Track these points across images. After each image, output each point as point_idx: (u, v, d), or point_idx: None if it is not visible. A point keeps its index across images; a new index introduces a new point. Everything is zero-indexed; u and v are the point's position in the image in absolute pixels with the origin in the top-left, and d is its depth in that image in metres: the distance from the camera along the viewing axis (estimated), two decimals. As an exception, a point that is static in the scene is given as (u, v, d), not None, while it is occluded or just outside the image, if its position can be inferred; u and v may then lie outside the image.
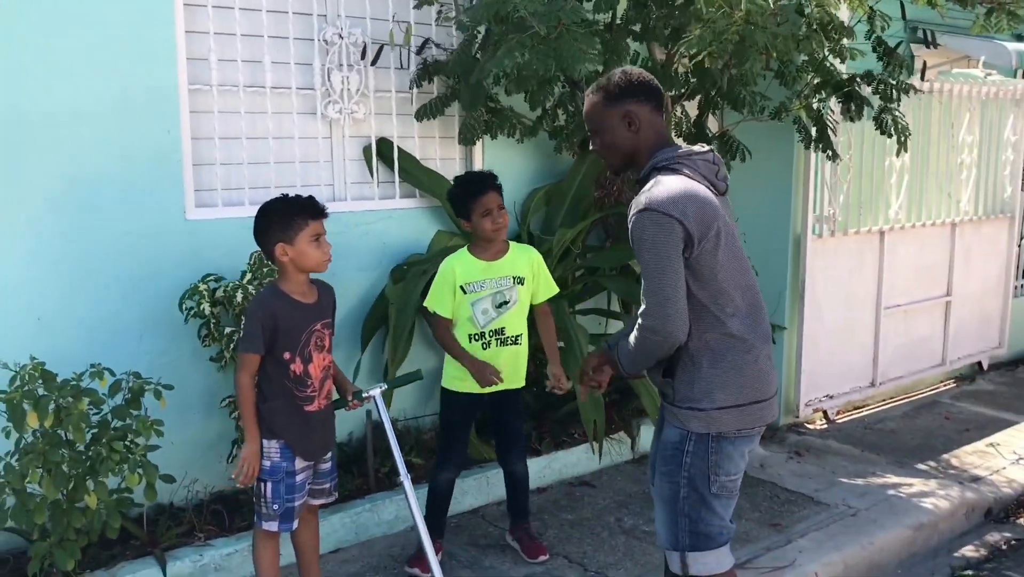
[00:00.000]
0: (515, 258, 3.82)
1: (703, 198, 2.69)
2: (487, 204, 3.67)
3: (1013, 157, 7.16)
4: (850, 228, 6.02)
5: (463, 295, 3.73)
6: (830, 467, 5.18)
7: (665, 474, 2.87)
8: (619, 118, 2.78)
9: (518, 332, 3.82)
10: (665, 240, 2.62)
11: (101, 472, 3.21)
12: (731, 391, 2.76)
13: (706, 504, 2.83)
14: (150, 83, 3.85)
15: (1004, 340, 7.44)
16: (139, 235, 3.90)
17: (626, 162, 2.86)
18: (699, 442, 2.78)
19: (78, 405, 3.16)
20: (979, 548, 4.57)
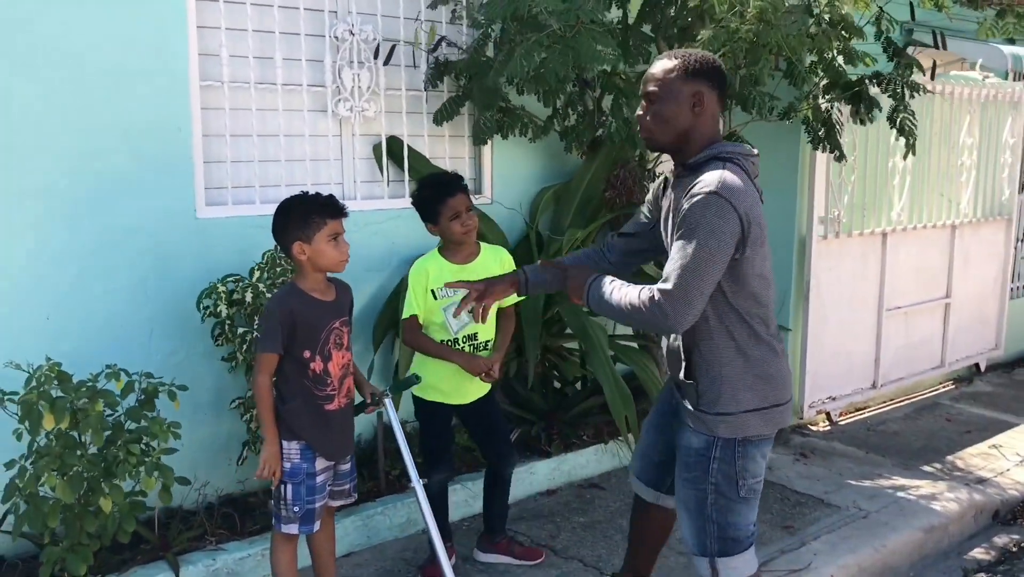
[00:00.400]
0: (487, 260, 3.71)
1: (758, 202, 2.68)
2: (456, 207, 3.55)
3: (1011, 160, 7.19)
4: (854, 230, 6.02)
5: (434, 300, 3.63)
6: (837, 469, 5.17)
7: (690, 481, 2.85)
8: (688, 95, 2.70)
9: (489, 337, 3.74)
10: (722, 231, 2.55)
11: (119, 475, 3.14)
12: (756, 394, 2.76)
13: (734, 509, 2.82)
14: (161, 79, 3.78)
15: (1001, 342, 7.47)
16: (149, 233, 3.83)
17: (674, 141, 2.77)
18: (726, 447, 2.78)
19: (95, 407, 3.09)
20: (988, 550, 4.57)
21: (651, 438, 3.21)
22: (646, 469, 3.23)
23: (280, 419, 3.20)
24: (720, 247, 2.56)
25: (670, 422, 3.07)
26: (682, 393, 2.89)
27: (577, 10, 3.84)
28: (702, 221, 2.55)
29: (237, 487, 4.17)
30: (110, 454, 3.19)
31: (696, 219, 2.56)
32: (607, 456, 4.92)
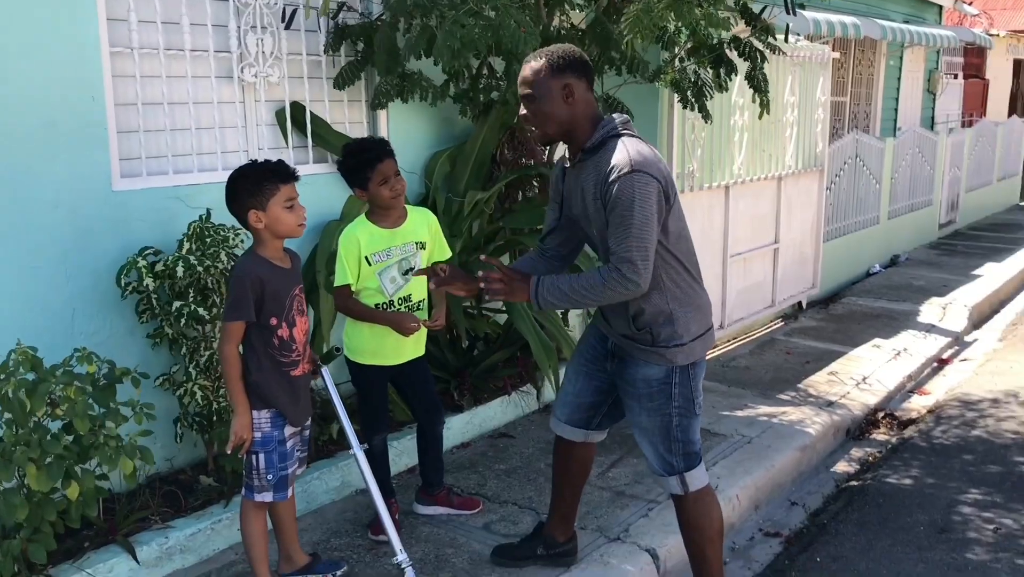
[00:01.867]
0: (415, 223, 3.80)
1: (663, 160, 3.02)
2: (385, 172, 3.60)
3: (823, 115, 7.95)
4: (704, 183, 6.52)
5: (368, 266, 3.68)
6: (709, 402, 5.64)
7: (654, 409, 3.19)
8: (559, 88, 3.01)
9: (422, 296, 3.84)
10: (649, 197, 2.89)
11: (102, 459, 3.05)
12: (697, 322, 3.15)
13: (692, 425, 3.22)
14: (73, 45, 3.59)
15: (817, 281, 8.31)
16: (67, 208, 3.65)
17: (559, 132, 3.10)
18: (683, 372, 3.15)
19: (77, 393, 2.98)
20: (850, 463, 5.20)
21: (580, 384, 3.48)
22: (575, 412, 3.50)
23: (248, 389, 3.20)
24: (652, 211, 2.90)
25: (600, 367, 3.39)
26: (632, 339, 3.17)
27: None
28: (632, 197, 2.88)
29: (165, 465, 4.08)
30: (86, 439, 3.07)
31: (627, 195, 2.88)
32: (512, 407, 5.15)
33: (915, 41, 10.78)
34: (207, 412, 3.88)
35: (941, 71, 13.89)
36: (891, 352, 6.92)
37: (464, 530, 3.97)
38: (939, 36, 11.47)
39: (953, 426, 5.58)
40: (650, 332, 3.10)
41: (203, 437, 4.03)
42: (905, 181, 10.63)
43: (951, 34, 12.02)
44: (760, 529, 4.40)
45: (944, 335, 7.49)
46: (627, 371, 3.22)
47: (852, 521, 4.38)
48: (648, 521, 4.02)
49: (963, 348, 7.48)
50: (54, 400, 2.99)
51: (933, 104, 13.91)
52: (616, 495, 4.32)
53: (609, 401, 3.40)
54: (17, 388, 2.86)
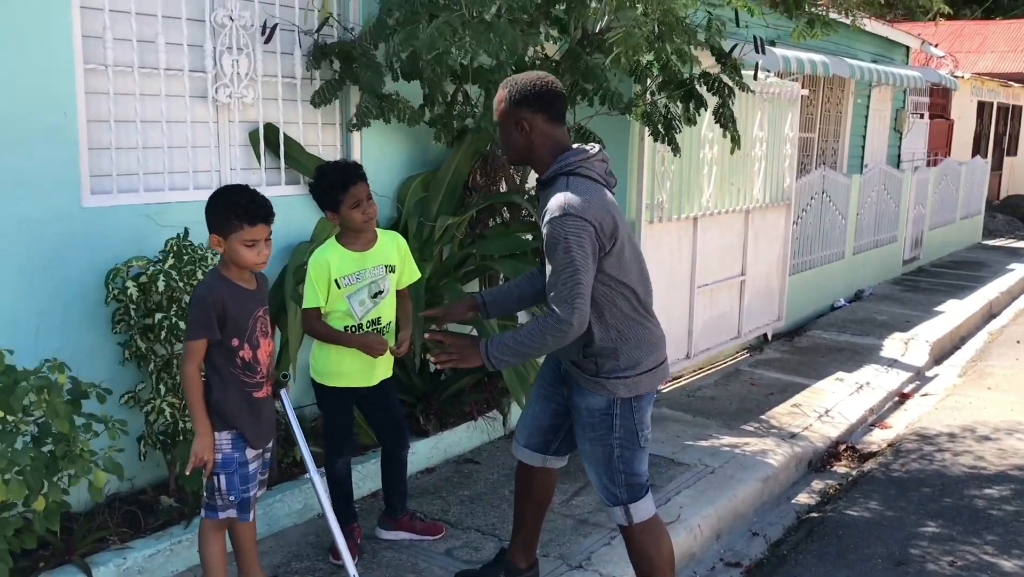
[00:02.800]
0: (385, 246, 3.80)
1: (608, 202, 3.07)
2: (357, 195, 3.60)
3: (790, 151, 8.08)
4: (673, 215, 6.59)
5: (337, 289, 3.65)
6: (673, 432, 5.70)
7: (596, 440, 3.21)
8: (514, 122, 3.09)
9: (390, 320, 3.84)
10: (582, 242, 2.94)
11: (78, 470, 3.02)
12: (647, 358, 3.18)
13: (636, 457, 3.24)
14: (46, 60, 3.59)
15: (783, 313, 8.41)
16: (34, 224, 3.63)
17: (522, 159, 3.20)
18: (624, 405, 3.17)
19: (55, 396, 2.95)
20: (811, 494, 5.25)
21: (539, 408, 3.52)
22: (533, 436, 3.53)
23: (210, 410, 3.19)
24: (584, 253, 2.95)
25: (557, 392, 3.43)
26: (578, 366, 3.21)
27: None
28: (561, 239, 2.94)
29: (126, 485, 4.03)
30: (60, 450, 3.05)
31: (554, 240, 2.96)
32: (478, 432, 5.16)
33: (883, 80, 10.98)
34: (172, 431, 3.86)
35: (908, 110, 14.16)
36: (854, 385, 7.00)
37: (426, 556, 3.97)
38: (906, 76, 11.69)
39: (912, 460, 5.66)
40: (595, 362, 3.14)
41: (166, 456, 4.00)
42: (871, 217, 10.80)
43: (918, 74, 12.27)
44: (721, 559, 4.43)
45: (906, 370, 7.60)
46: (574, 398, 3.27)
47: (812, 552, 4.42)
48: (610, 549, 4.04)
49: (924, 383, 7.59)
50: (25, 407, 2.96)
51: (899, 142, 14.16)
52: (579, 523, 4.33)
53: (566, 426, 3.43)
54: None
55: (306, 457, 3.46)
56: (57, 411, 2.93)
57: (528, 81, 3.09)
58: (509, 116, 3.08)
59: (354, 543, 3.90)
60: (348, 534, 3.92)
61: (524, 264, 4.76)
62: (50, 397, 2.97)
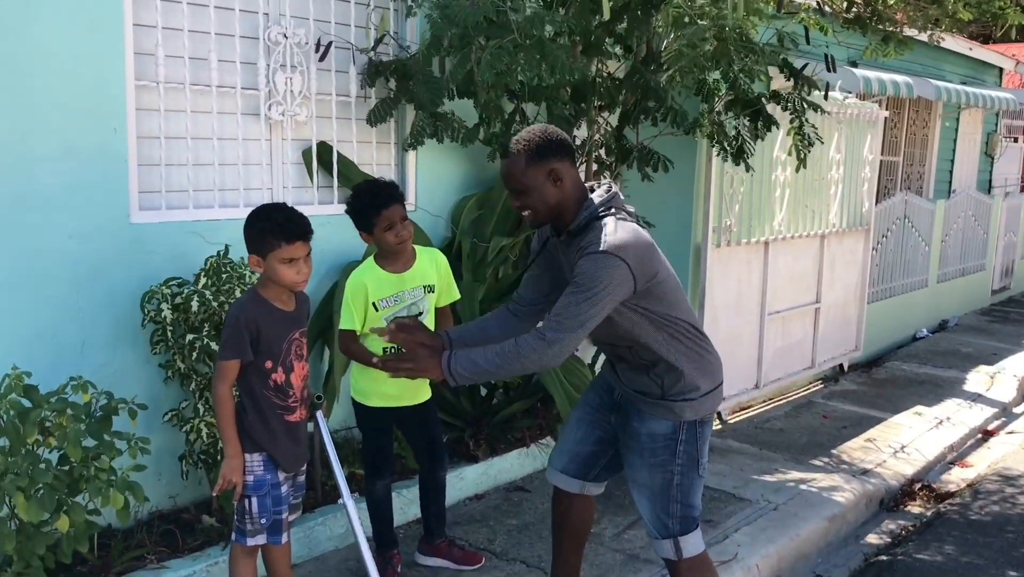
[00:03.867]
0: (424, 266, 3.70)
1: (646, 240, 2.94)
2: (391, 217, 3.50)
3: (869, 174, 7.78)
4: (742, 239, 6.38)
5: (375, 312, 3.58)
6: (738, 465, 5.46)
7: (656, 465, 3.07)
8: (544, 176, 2.93)
9: None
10: (614, 282, 2.82)
11: (91, 492, 2.99)
12: (707, 378, 3.08)
13: (694, 487, 3.10)
14: (98, 76, 3.62)
15: (860, 343, 8.07)
16: (82, 238, 3.65)
17: (549, 216, 3.01)
18: (690, 429, 3.05)
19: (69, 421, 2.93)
20: (881, 535, 4.96)
21: (581, 433, 3.38)
22: (573, 462, 3.39)
23: (242, 430, 3.12)
24: (608, 294, 2.82)
25: (604, 418, 3.30)
26: (641, 391, 3.08)
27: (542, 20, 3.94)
28: (595, 274, 2.81)
29: (168, 503, 4.02)
30: (77, 471, 3.02)
31: (588, 273, 2.82)
32: (529, 460, 5.02)
33: (972, 102, 10.53)
34: (213, 450, 3.82)
35: (1000, 133, 13.58)
36: (933, 420, 6.65)
37: (467, 587, 3.84)
38: (998, 98, 11.20)
39: (993, 502, 5.31)
40: (660, 385, 3.04)
41: (208, 475, 3.97)
42: (957, 244, 10.36)
43: (1011, 96, 11.74)
44: (780, 602, 4.20)
45: (991, 405, 7.19)
46: (631, 424, 3.13)
47: (878, 599, 4.16)
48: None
49: (1011, 420, 7.17)
50: (47, 429, 2.95)
51: (991, 167, 13.58)
52: (630, 558, 4.15)
53: (609, 453, 3.30)
54: (9, 411, 2.81)
55: (339, 481, 3.37)
56: (68, 437, 2.90)
57: (542, 133, 2.97)
58: (538, 170, 2.91)
59: (393, 570, 3.80)
60: (388, 561, 3.83)
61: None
62: (65, 421, 2.93)
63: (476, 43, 4.00)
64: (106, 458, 3.19)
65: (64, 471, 3.11)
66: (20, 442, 2.83)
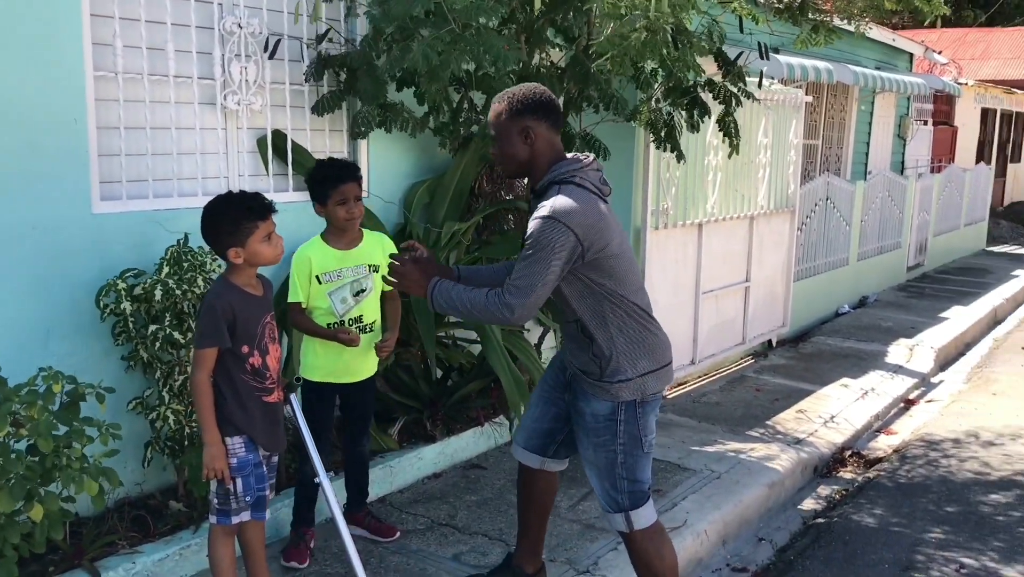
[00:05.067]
0: (370, 246, 3.85)
1: (598, 211, 3.07)
2: (346, 193, 3.68)
3: (795, 157, 8.10)
4: (678, 221, 6.61)
5: (319, 285, 3.73)
6: (679, 437, 5.71)
7: (600, 445, 3.23)
8: (517, 131, 3.10)
9: (373, 319, 3.87)
10: (558, 246, 2.97)
11: (64, 480, 3.03)
12: (648, 359, 3.19)
13: (639, 464, 3.24)
14: (57, 67, 3.62)
15: (788, 319, 8.41)
16: (44, 229, 3.65)
17: (520, 171, 3.20)
18: (628, 409, 3.18)
19: (40, 412, 2.97)
20: (817, 500, 5.25)
21: (540, 410, 3.55)
22: (532, 438, 3.56)
23: (222, 416, 3.20)
24: (557, 256, 2.98)
25: (560, 396, 3.46)
26: (583, 371, 3.23)
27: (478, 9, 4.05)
28: (540, 239, 2.98)
29: (135, 490, 4.06)
30: (49, 460, 3.06)
31: (535, 239, 2.99)
32: (484, 438, 5.17)
33: (886, 87, 11.01)
34: (179, 437, 3.88)
35: (911, 117, 14.18)
36: (859, 391, 7.01)
37: (433, 561, 3.98)
38: (910, 83, 11.72)
39: (918, 466, 5.66)
40: (599, 366, 3.16)
41: (174, 462, 4.02)
42: (875, 224, 10.82)
43: (921, 81, 12.30)
44: (727, 564, 4.44)
45: (911, 376, 7.60)
46: (578, 403, 3.28)
47: (818, 558, 4.43)
48: (617, 554, 4.04)
49: (929, 389, 7.60)
50: (18, 420, 2.98)
51: (903, 149, 14.18)
52: (586, 528, 4.34)
53: (566, 430, 3.45)
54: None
55: (315, 460, 3.47)
56: (39, 429, 2.94)
57: (529, 91, 3.13)
58: (512, 125, 3.09)
59: (306, 545, 3.94)
60: (301, 536, 3.96)
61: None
62: (36, 413, 2.97)
63: (417, 35, 4.10)
64: (78, 446, 3.22)
65: (35, 461, 3.14)
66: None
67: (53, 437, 3.13)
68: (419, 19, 4.21)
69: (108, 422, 3.24)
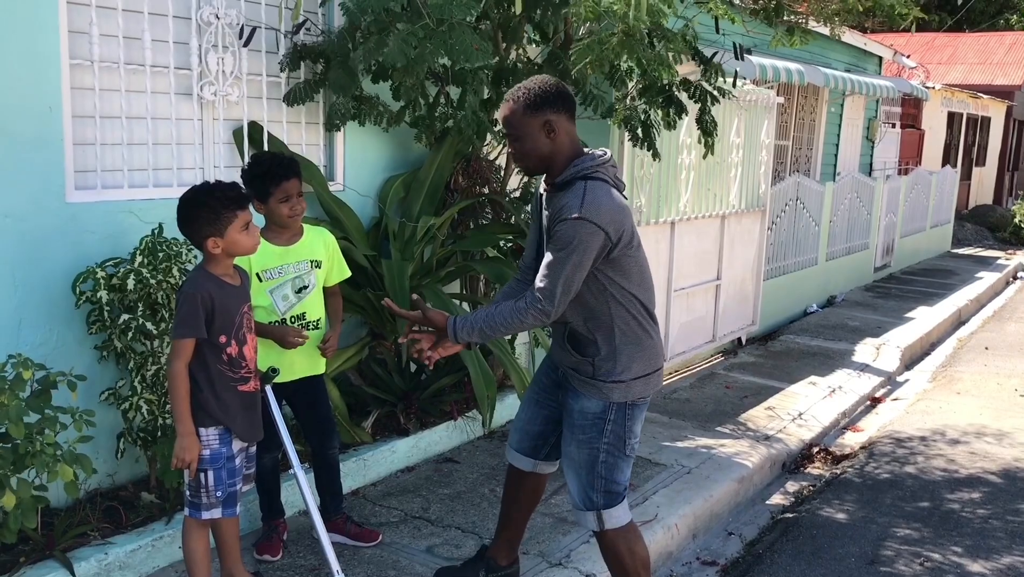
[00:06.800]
0: (311, 241, 3.76)
1: (623, 207, 3.08)
2: (288, 190, 3.57)
3: (766, 157, 8.18)
4: (651, 219, 6.66)
5: (259, 283, 3.62)
6: (650, 432, 5.74)
7: (584, 442, 3.23)
8: (539, 126, 3.05)
9: (317, 316, 3.79)
10: (589, 247, 2.97)
11: (38, 467, 3.01)
12: (641, 363, 3.19)
13: (619, 466, 3.25)
14: (33, 55, 3.59)
15: (757, 318, 8.50)
16: (17, 218, 3.62)
17: (541, 166, 3.15)
18: (619, 411, 3.19)
19: (10, 398, 2.95)
20: (786, 495, 5.33)
21: (530, 412, 3.54)
22: (523, 440, 3.56)
23: (197, 406, 3.19)
24: (587, 258, 2.98)
25: (551, 397, 3.45)
26: (575, 369, 3.24)
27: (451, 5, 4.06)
28: (572, 239, 2.97)
29: (107, 481, 4.04)
30: (22, 447, 3.04)
31: (565, 238, 2.98)
32: (457, 432, 5.19)
33: (856, 90, 11.14)
34: (152, 428, 3.86)
35: (880, 119, 14.36)
36: (827, 389, 7.10)
37: (407, 553, 3.99)
38: (878, 86, 11.87)
39: (884, 462, 5.75)
40: (592, 364, 3.17)
41: (146, 453, 4.00)
42: (843, 224, 10.95)
43: (890, 84, 12.46)
44: (698, 557, 4.49)
45: (877, 374, 7.72)
46: (568, 401, 3.28)
47: (786, 552, 4.49)
48: (590, 547, 4.08)
49: (895, 388, 7.72)
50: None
51: (872, 151, 14.36)
52: (559, 521, 4.37)
53: (558, 432, 3.43)
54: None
55: (289, 451, 3.48)
56: (9, 415, 2.93)
57: (545, 83, 3.07)
58: (533, 120, 3.03)
59: (279, 538, 3.93)
60: (273, 529, 3.95)
61: (504, 266, 4.80)
62: (7, 399, 2.96)
63: (393, 29, 4.10)
64: (50, 433, 3.21)
65: (7, 448, 3.12)
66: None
67: (25, 424, 3.12)
68: (394, 12, 4.22)
69: (82, 409, 3.22)
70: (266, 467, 3.88)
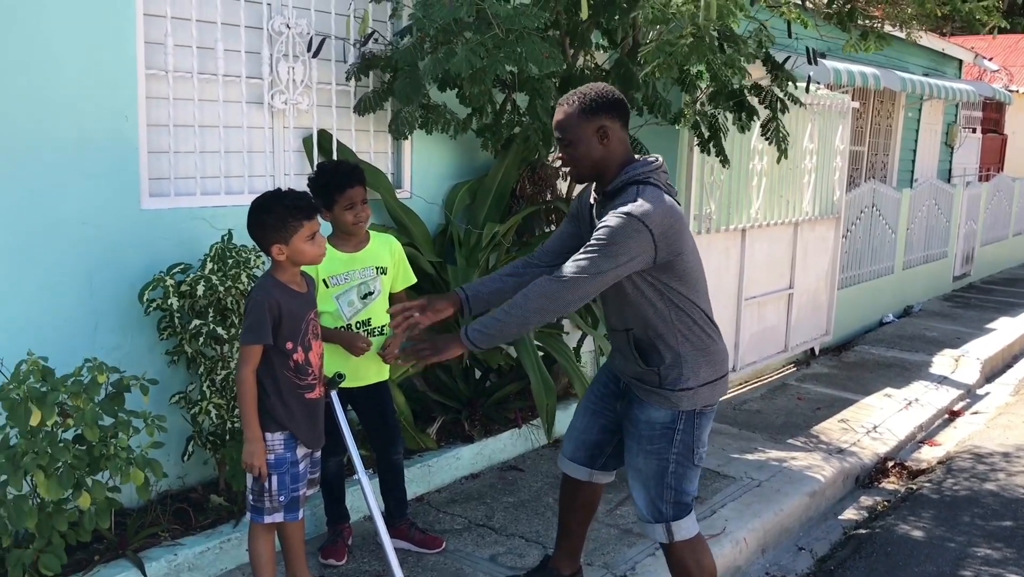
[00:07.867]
0: (377, 248, 3.79)
1: (677, 213, 3.02)
2: (352, 197, 3.61)
3: (840, 163, 8.00)
4: (721, 226, 6.56)
5: (326, 289, 3.66)
6: (719, 445, 5.65)
7: (652, 452, 3.17)
8: (593, 131, 3.02)
9: (383, 322, 3.78)
10: (631, 245, 2.90)
11: (111, 469, 3.08)
12: (708, 369, 3.13)
13: (688, 475, 3.19)
14: (110, 65, 3.68)
15: (831, 327, 8.31)
16: (95, 224, 3.72)
17: (593, 172, 3.11)
18: (688, 419, 3.13)
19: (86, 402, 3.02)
20: (859, 510, 5.18)
21: (586, 422, 3.49)
22: (579, 450, 3.51)
23: (264, 411, 3.23)
24: (626, 256, 2.90)
25: (609, 406, 3.40)
26: (640, 378, 3.19)
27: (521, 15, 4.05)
28: (616, 234, 2.90)
29: (177, 483, 4.11)
30: (96, 449, 3.11)
31: (610, 232, 2.90)
32: (522, 440, 5.17)
33: (934, 94, 10.84)
34: (220, 431, 3.92)
35: (959, 124, 13.96)
36: (902, 402, 6.91)
37: (470, 561, 3.98)
38: (958, 90, 11.53)
39: (963, 478, 5.56)
40: (657, 373, 3.11)
41: (215, 456, 4.07)
42: (921, 232, 10.66)
43: (970, 88, 12.09)
44: (767, 573, 4.39)
45: (956, 387, 7.48)
46: (632, 411, 3.23)
47: (859, 569, 4.36)
48: (655, 560, 4.01)
49: (975, 401, 7.47)
50: (65, 410, 3.03)
51: (951, 157, 13.97)
52: (623, 533, 4.32)
53: (615, 441, 3.39)
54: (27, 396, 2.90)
55: (354, 457, 3.49)
56: (85, 418, 2.99)
57: (601, 90, 3.05)
58: (587, 125, 3.01)
59: (343, 543, 3.95)
60: (338, 534, 3.97)
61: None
62: (83, 403, 3.02)
63: (460, 39, 4.10)
64: (123, 436, 3.28)
65: (83, 450, 3.20)
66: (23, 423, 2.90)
67: (99, 427, 3.19)
68: (458, 23, 4.22)
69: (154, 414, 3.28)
70: (331, 471, 3.91)
